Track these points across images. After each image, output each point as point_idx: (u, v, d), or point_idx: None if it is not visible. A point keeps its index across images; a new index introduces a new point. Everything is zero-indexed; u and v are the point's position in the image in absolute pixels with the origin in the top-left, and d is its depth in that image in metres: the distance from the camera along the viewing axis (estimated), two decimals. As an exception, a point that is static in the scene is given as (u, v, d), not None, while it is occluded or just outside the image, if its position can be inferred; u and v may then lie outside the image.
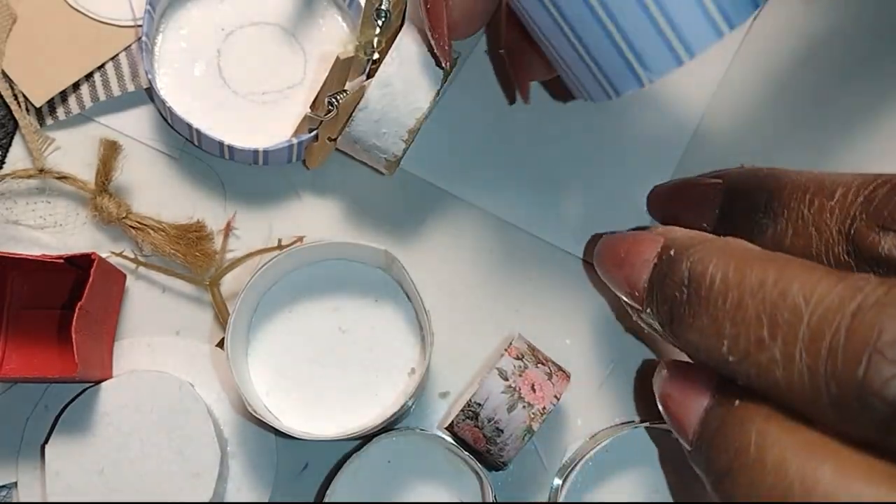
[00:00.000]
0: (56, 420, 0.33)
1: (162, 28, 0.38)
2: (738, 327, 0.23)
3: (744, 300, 0.23)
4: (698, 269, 0.24)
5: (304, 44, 0.39)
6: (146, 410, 0.33)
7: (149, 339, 0.36)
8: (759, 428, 0.22)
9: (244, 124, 0.37)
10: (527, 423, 0.32)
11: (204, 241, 0.36)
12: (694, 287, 0.24)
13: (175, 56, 0.38)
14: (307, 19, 0.39)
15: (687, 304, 0.24)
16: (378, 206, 0.38)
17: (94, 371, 0.33)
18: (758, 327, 0.22)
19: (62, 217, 0.37)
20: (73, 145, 0.37)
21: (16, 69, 0.37)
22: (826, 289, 0.21)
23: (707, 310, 0.24)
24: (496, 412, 0.31)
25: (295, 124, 0.37)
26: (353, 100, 0.33)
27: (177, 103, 0.36)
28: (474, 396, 0.32)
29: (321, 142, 0.35)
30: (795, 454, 0.21)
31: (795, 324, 0.21)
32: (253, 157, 0.36)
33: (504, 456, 0.32)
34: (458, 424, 0.32)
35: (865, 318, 0.20)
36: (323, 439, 0.32)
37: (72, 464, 0.33)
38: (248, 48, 0.38)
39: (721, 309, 0.23)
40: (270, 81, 0.38)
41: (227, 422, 0.35)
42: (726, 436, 0.23)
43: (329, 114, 0.34)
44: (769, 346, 0.22)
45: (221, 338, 0.36)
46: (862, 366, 0.19)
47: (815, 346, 0.20)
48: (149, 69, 0.36)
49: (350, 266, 0.35)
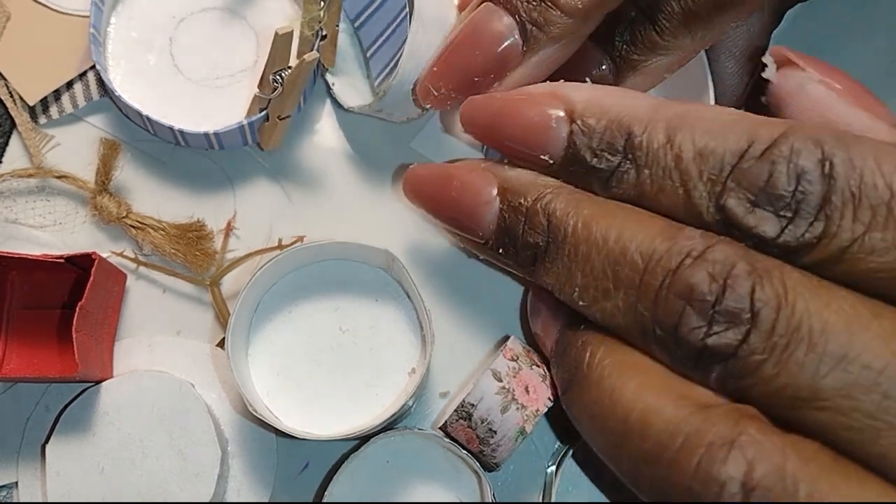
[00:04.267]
0: (56, 420, 0.33)
1: (113, 20, 0.38)
2: (587, 278, 0.26)
3: (591, 254, 0.25)
4: (553, 221, 0.27)
5: (256, 26, 0.39)
6: (147, 410, 0.33)
7: (149, 339, 0.36)
8: (593, 350, 0.26)
9: (200, 111, 0.37)
10: (520, 425, 0.32)
11: (204, 240, 0.36)
12: (552, 237, 0.27)
13: (127, 47, 0.38)
14: (257, 2, 0.39)
15: (546, 253, 0.27)
16: (379, 205, 0.38)
17: (94, 371, 0.33)
18: (604, 279, 0.25)
19: (62, 216, 0.37)
20: (72, 144, 0.37)
21: (9, 67, 0.37)
22: (659, 246, 0.24)
23: (561, 259, 0.26)
24: (490, 413, 0.31)
25: (248, 106, 0.37)
26: (298, 75, 0.33)
27: (132, 94, 0.36)
28: (468, 397, 0.32)
29: (272, 121, 0.35)
30: (612, 372, 0.25)
31: (634, 278, 0.24)
32: (206, 142, 0.36)
33: (496, 457, 0.32)
34: (452, 425, 0.32)
35: (684, 274, 0.23)
36: (323, 439, 0.32)
37: (72, 464, 0.33)
38: (199, 34, 0.38)
39: (573, 260, 0.26)
40: (224, 66, 0.38)
41: (227, 422, 0.35)
42: (569, 355, 0.27)
43: (275, 91, 0.34)
44: (613, 295, 0.25)
45: (222, 338, 0.36)
46: (677, 316, 0.23)
47: (648, 298, 0.24)
48: (99, 61, 0.36)
49: (351, 266, 0.35)
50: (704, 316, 0.23)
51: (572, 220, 0.26)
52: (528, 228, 0.27)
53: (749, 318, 0.22)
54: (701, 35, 0.31)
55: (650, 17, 0.30)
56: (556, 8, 0.28)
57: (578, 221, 0.26)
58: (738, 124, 0.24)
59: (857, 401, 0.21)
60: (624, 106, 0.26)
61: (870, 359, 0.21)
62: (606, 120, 0.26)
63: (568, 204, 0.27)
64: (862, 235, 0.22)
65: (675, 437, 0.22)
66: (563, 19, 0.28)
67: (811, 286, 0.22)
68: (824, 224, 0.22)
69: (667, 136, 0.25)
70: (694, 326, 0.23)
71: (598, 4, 0.28)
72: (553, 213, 0.27)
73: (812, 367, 0.21)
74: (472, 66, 0.29)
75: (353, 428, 0.32)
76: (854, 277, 0.22)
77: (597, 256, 0.25)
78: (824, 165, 0.22)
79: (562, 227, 0.26)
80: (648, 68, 0.31)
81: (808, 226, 0.22)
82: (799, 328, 0.21)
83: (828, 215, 0.22)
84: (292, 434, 0.31)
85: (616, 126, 0.26)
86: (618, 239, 0.25)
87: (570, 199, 0.27)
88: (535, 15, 0.28)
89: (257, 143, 0.37)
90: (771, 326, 0.22)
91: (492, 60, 0.29)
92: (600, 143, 0.26)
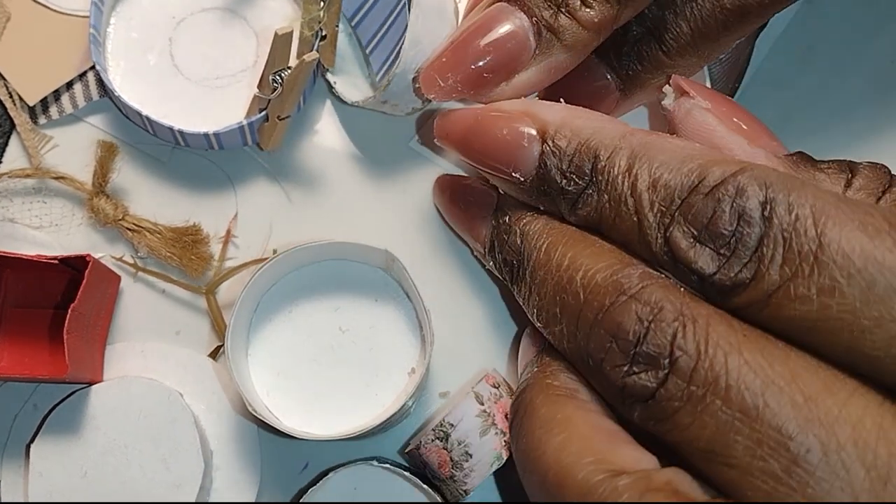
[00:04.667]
0: (43, 420, 0.33)
1: (112, 20, 0.38)
2: (541, 301, 0.27)
3: (546, 280, 0.27)
4: (525, 243, 0.28)
5: (255, 26, 0.39)
6: (134, 417, 0.33)
7: (142, 345, 0.36)
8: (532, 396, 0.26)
9: (199, 111, 0.37)
10: (497, 450, 0.32)
11: (200, 244, 0.36)
12: (522, 259, 0.28)
13: (127, 47, 0.38)
14: (257, 2, 0.39)
15: (517, 272, 0.29)
16: (379, 205, 0.38)
17: (84, 373, 0.33)
18: (553, 305, 0.26)
19: (58, 217, 0.37)
20: (71, 144, 0.37)
21: (9, 67, 0.37)
22: (600, 281, 0.24)
23: (526, 281, 0.28)
24: (468, 435, 0.31)
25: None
26: (297, 75, 0.33)
27: (131, 94, 0.36)
28: (448, 417, 0.31)
29: (271, 121, 0.35)
30: (542, 425, 0.25)
31: (576, 307, 0.25)
32: (206, 142, 0.36)
33: (467, 483, 0.32)
34: (426, 445, 0.32)
35: (614, 311, 0.23)
36: (323, 439, 0.31)
37: (56, 465, 0.32)
38: (199, 34, 0.39)
39: (533, 283, 0.27)
40: (223, 66, 0.38)
41: (213, 434, 0.35)
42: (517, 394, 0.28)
43: (275, 92, 0.34)
44: (560, 320, 0.26)
45: (215, 347, 0.36)
46: (604, 352, 0.24)
47: (585, 329, 0.24)
48: (99, 62, 0.36)
49: (350, 266, 0.35)
50: (626, 355, 0.23)
51: (540, 242, 0.27)
52: (508, 247, 0.30)
53: (668, 363, 0.22)
54: (707, 54, 0.31)
55: (657, 37, 0.31)
56: (573, 18, 0.29)
57: (543, 245, 0.27)
58: (695, 159, 0.24)
59: (766, 463, 0.20)
60: (594, 129, 0.27)
61: (781, 422, 0.20)
62: (577, 142, 0.27)
63: (542, 226, 0.28)
64: (788, 281, 0.21)
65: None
66: (578, 29, 0.29)
67: (735, 340, 0.22)
68: (756, 266, 0.22)
69: (628, 164, 0.25)
70: (616, 364, 0.23)
71: (613, 19, 0.29)
72: (527, 234, 0.28)
73: (725, 423, 0.21)
74: (482, 59, 0.30)
75: (353, 428, 0.32)
76: (779, 323, 0.22)
77: (550, 282, 0.26)
78: (765, 207, 0.22)
79: (532, 249, 0.28)
80: (655, 84, 0.32)
81: (743, 266, 0.22)
82: (717, 381, 0.21)
83: (760, 257, 0.22)
84: (291, 434, 0.31)
85: (584, 149, 0.26)
86: (568, 267, 0.26)
87: (544, 222, 0.28)
88: (551, 20, 0.29)
89: (257, 144, 0.37)
90: (689, 375, 0.22)
91: (503, 55, 0.29)
92: (570, 165, 0.27)
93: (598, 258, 0.25)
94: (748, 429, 0.21)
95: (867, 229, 0.21)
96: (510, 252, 0.29)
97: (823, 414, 0.20)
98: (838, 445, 0.20)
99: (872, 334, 0.20)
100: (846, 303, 0.20)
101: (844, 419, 0.20)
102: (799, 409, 0.20)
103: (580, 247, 0.26)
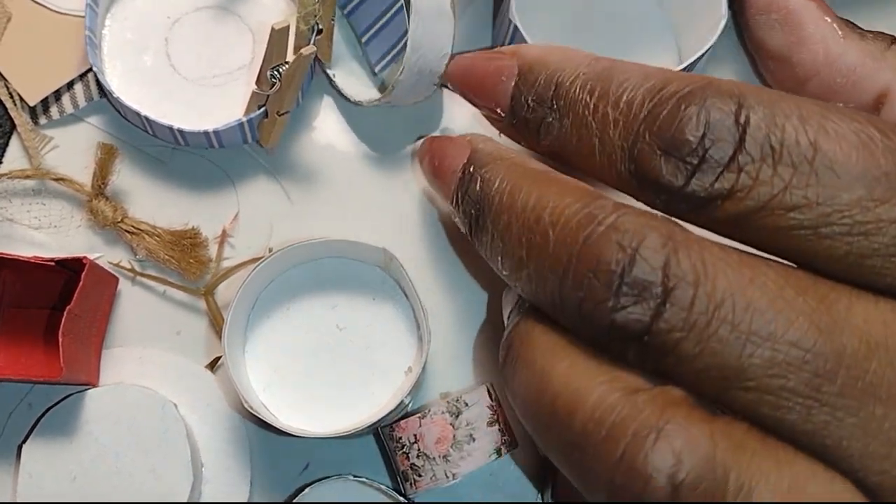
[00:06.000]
0: (37, 421, 0.33)
1: (108, 22, 0.38)
2: (506, 247, 0.25)
3: (511, 223, 0.25)
4: (485, 189, 0.26)
5: (250, 23, 0.39)
6: (126, 425, 0.33)
7: (140, 352, 0.35)
8: (528, 328, 0.25)
9: (197, 110, 0.37)
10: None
11: (198, 248, 0.36)
12: (483, 206, 0.26)
13: (123, 48, 0.38)
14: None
15: (477, 221, 0.27)
16: (377, 203, 0.37)
17: (79, 375, 0.33)
18: (518, 248, 0.24)
19: (57, 219, 0.37)
20: (72, 145, 0.37)
21: (9, 67, 0.37)
22: (570, 215, 0.23)
23: (487, 228, 0.26)
24: (478, 419, 0.31)
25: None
26: (295, 69, 0.33)
27: (128, 95, 0.36)
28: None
29: (271, 117, 0.35)
30: (544, 353, 0.23)
31: (544, 247, 0.23)
32: (206, 140, 0.36)
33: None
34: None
35: (591, 245, 0.22)
36: (320, 436, 0.31)
37: (46, 468, 0.32)
38: (194, 33, 0.39)
39: (496, 229, 0.25)
40: (220, 64, 0.38)
41: (205, 447, 0.34)
42: (508, 331, 0.26)
43: (273, 87, 0.34)
44: (526, 265, 0.24)
45: (214, 358, 0.35)
46: (582, 289, 0.21)
47: (557, 269, 0.22)
48: (96, 64, 0.36)
49: (348, 264, 0.35)
50: (609, 288, 0.21)
51: (503, 186, 0.26)
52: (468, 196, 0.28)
53: (661, 291, 0.20)
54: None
55: None
56: None
57: (507, 188, 0.26)
58: (658, 76, 0.23)
59: (785, 380, 0.20)
60: (561, 60, 0.26)
61: (797, 336, 0.20)
62: (545, 74, 0.26)
63: (505, 170, 0.26)
64: (783, 191, 0.21)
65: (600, 425, 0.21)
66: None
67: (732, 261, 0.21)
68: (737, 176, 0.21)
69: (590, 87, 0.25)
70: (599, 300, 0.21)
71: None
72: (487, 180, 0.27)
73: (737, 346, 0.20)
74: None
75: (349, 425, 0.31)
76: (771, 236, 0.21)
77: (515, 224, 0.24)
78: (738, 117, 0.21)
79: (494, 193, 0.26)
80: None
81: (718, 176, 0.21)
82: (721, 305, 0.20)
83: (743, 168, 0.21)
84: (288, 431, 0.31)
85: (548, 79, 0.26)
86: (534, 207, 0.24)
87: (509, 166, 0.27)
88: None
89: (257, 141, 0.37)
90: (689, 303, 0.20)
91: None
92: (535, 95, 0.26)
93: (565, 194, 0.24)
94: (762, 349, 0.20)
95: (860, 136, 0.20)
96: (469, 202, 0.27)
97: (833, 322, 0.20)
98: (854, 349, 0.19)
99: (870, 238, 0.20)
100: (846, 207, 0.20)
101: (854, 324, 0.20)
102: (812, 321, 0.20)
103: (545, 185, 0.25)
